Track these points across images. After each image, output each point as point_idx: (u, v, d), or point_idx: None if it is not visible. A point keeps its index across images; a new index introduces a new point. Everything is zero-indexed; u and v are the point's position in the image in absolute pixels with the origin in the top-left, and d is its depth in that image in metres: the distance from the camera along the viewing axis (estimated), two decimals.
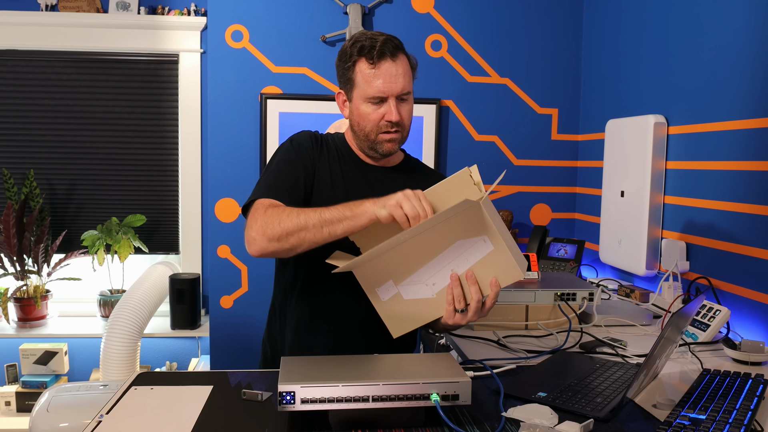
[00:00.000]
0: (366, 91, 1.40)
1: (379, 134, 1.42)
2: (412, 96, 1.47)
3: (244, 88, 2.61)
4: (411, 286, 1.25)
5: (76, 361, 3.03)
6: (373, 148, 1.45)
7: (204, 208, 3.03)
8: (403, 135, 1.45)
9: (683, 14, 2.00)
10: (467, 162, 2.75)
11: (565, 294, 1.70)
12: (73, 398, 2.05)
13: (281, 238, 1.24)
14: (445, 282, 1.22)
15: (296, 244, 1.25)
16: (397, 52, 1.40)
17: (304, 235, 1.23)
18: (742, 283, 1.72)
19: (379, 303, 1.28)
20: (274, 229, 1.25)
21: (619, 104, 2.40)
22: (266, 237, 1.25)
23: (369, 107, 1.41)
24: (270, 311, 1.60)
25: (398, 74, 1.39)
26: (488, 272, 1.19)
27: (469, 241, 1.18)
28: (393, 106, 1.39)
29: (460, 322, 1.25)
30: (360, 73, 1.40)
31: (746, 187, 1.71)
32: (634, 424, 1.09)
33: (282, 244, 1.25)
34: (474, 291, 1.20)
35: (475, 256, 1.19)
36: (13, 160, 2.98)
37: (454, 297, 1.22)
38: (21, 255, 2.84)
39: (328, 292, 1.46)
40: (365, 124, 1.42)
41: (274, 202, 1.32)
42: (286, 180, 1.40)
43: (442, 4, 2.65)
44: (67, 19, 2.86)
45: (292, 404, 1.01)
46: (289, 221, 1.24)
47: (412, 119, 1.48)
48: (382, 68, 1.38)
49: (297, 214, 1.24)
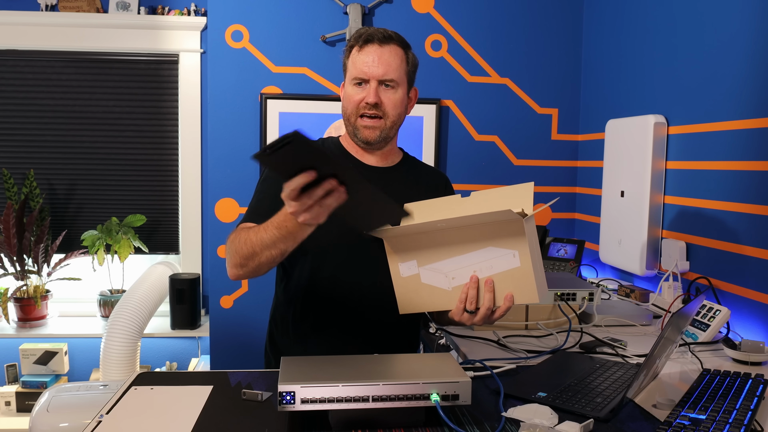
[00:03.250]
0: (351, 72, 1.44)
1: (358, 118, 1.43)
2: (404, 88, 1.45)
3: (244, 88, 2.61)
4: (432, 272, 1.26)
5: (76, 361, 3.03)
6: (354, 134, 1.46)
7: (204, 208, 3.03)
8: (386, 124, 1.44)
9: (683, 14, 2.00)
10: (467, 162, 2.77)
11: (565, 294, 1.70)
12: (73, 398, 2.05)
13: (242, 265, 1.26)
14: (464, 280, 1.23)
15: (256, 267, 1.26)
16: (387, 41, 1.42)
17: (259, 260, 1.23)
18: (742, 283, 1.72)
19: (397, 277, 1.29)
20: (234, 258, 1.27)
21: (619, 104, 2.40)
22: (232, 265, 1.29)
23: (353, 89, 1.43)
24: (271, 322, 1.60)
25: (381, 59, 1.40)
26: (507, 286, 1.20)
27: (500, 251, 1.19)
28: (373, 88, 1.40)
29: (466, 322, 1.25)
30: (350, 58, 1.45)
31: (746, 187, 1.71)
32: (634, 424, 1.09)
33: (246, 270, 1.27)
34: (488, 298, 1.21)
35: (500, 266, 1.20)
36: (13, 160, 2.98)
37: (468, 297, 1.22)
38: (21, 255, 2.84)
39: (334, 304, 1.46)
40: (347, 105, 1.45)
41: (246, 226, 1.33)
42: (267, 201, 1.40)
43: (442, 4, 2.65)
44: (67, 19, 2.86)
45: (292, 404, 1.01)
46: (244, 248, 1.24)
47: (402, 113, 1.46)
48: (367, 51, 1.41)
49: (246, 240, 1.23)
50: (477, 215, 1.15)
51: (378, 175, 1.50)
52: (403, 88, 1.45)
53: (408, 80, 1.47)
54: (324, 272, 1.45)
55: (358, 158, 1.51)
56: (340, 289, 1.46)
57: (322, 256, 1.44)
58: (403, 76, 1.44)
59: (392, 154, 1.54)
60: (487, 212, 1.13)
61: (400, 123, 1.48)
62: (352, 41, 1.45)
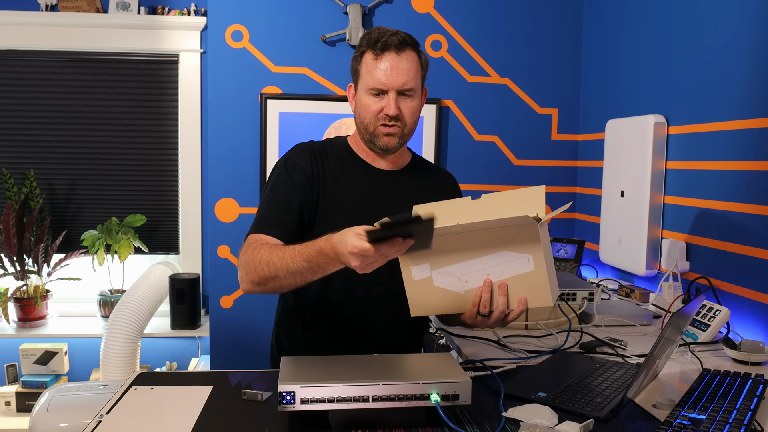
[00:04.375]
0: (368, 81, 1.39)
1: (377, 127, 1.40)
2: (419, 94, 1.43)
3: (244, 88, 2.61)
4: (445, 276, 1.26)
5: (76, 361, 3.03)
6: (372, 141, 1.43)
7: (204, 208, 3.03)
8: (404, 132, 1.42)
9: (683, 14, 2.00)
10: (467, 162, 2.77)
11: (565, 294, 1.70)
12: (73, 398, 2.05)
13: (260, 284, 1.26)
14: (478, 283, 1.22)
15: (277, 288, 1.26)
16: (403, 47, 1.38)
17: (280, 283, 1.23)
18: (742, 283, 1.72)
19: (409, 280, 1.29)
20: (252, 275, 1.26)
21: (619, 104, 2.40)
22: (249, 281, 1.28)
23: (370, 99, 1.40)
24: (277, 324, 1.59)
25: (400, 68, 1.37)
26: (521, 289, 1.20)
27: (514, 255, 1.19)
28: (392, 99, 1.37)
29: (480, 326, 1.26)
30: (365, 65, 1.40)
31: (746, 187, 1.71)
32: (634, 424, 1.09)
33: (264, 289, 1.27)
34: (501, 302, 1.21)
35: (514, 270, 1.20)
36: (13, 160, 2.98)
37: (482, 301, 1.22)
38: (21, 255, 2.84)
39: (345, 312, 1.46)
40: (365, 115, 1.41)
41: (261, 239, 1.32)
42: (279, 210, 1.39)
43: (442, 4, 2.65)
44: (67, 19, 2.86)
45: (292, 404, 1.01)
46: (266, 270, 1.23)
47: (418, 119, 1.45)
48: (385, 60, 1.37)
49: (268, 263, 1.22)
50: (493, 220, 1.15)
51: (389, 179, 1.49)
52: (419, 94, 1.43)
53: (422, 83, 1.45)
54: (335, 280, 1.42)
55: (368, 161, 1.49)
56: (350, 296, 1.45)
57: None
58: (419, 82, 1.42)
59: (402, 156, 1.53)
60: (504, 218, 1.13)
61: (416, 126, 1.47)
62: (365, 46, 1.40)
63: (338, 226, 1.26)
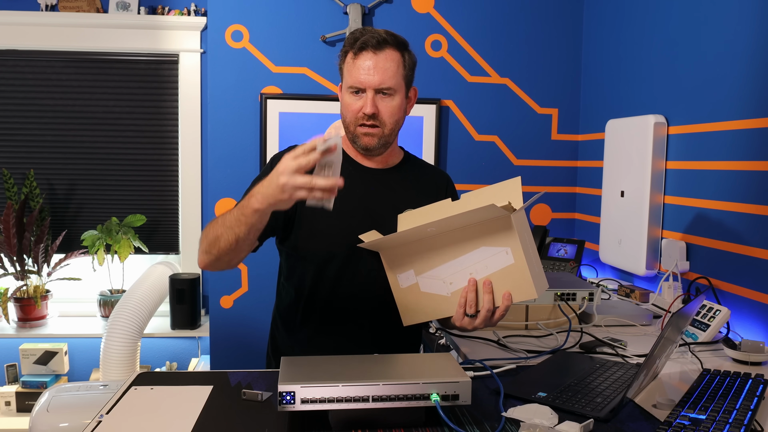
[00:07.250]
0: (347, 80, 1.41)
1: (357, 127, 1.41)
2: (402, 94, 1.42)
3: (244, 88, 2.61)
4: (430, 280, 1.25)
5: (76, 361, 3.03)
6: (354, 141, 1.44)
7: (204, 208, 3.03)
8: (384, 132, 1.41)
9: (683, 14, 2.00)
10: (467, 162, 2.77)
11: (565, 294, 1.70)
12: (73, 398, 2.05)
13: (208, 251, 1.30)
14: (463, 284, 1.22)
15: (219, 253, 1.29)
16: (382, 46, 1.38)
17: (222, 244, 1.26)
18: (742, 283, 1.72)
19: (397, 288, 1.29)
20: (202, 243, 1.32)
21: (619, 104, 2.40)
22: (200, 252, 1.33)
23: (350, 98, 1.41)
24: (273, 324, 1.60)
25: (378, 67, 1.37)
26: (504, 284, 1.19)
27: (493, 250, 1.18)
28: (369, 98, 1.38)
29: (467, 327, 1.25)
30: (346, 64, 1.42)
31: (746, 187, 1.71)
32: (634, 424, 1.09)
33: (210, 257, 1.31)
34: (486, 300, 1.20)
35: (495, 265, 1.19)
36: (13, 160, 2.98)
37: (467, 301, 1.22)
38: (21, 255, 2.84)
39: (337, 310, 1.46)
40: (346, 114, 1.43)
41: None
42: None
43: (442, 4, 2.65)
44: (67, 19, 2.86)
45: (292, 404, 1.01)
46: (210, 233, 1.29)
47: (400, 119, 1.44)
48: (363, 59, 1.38)
49: (212, 224, 1.29)
50: (463, 214, 1.13)
51: (377, 177, 1.49)
52: (401, 93, 1.42)
53: (406, 83, 1.43)
54: (327, 278, 1.44)
55: (357, 161, 1.50)
56: (343, 294, 1.45)
57: (325, 262, 1.44)
58: (400, 81, 1.41)
59: (393, 155, 1.53)
60: (471, 210, 1.12)
61: (400, 127, 1.46)
62: (347, 46, 1.42)
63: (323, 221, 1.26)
